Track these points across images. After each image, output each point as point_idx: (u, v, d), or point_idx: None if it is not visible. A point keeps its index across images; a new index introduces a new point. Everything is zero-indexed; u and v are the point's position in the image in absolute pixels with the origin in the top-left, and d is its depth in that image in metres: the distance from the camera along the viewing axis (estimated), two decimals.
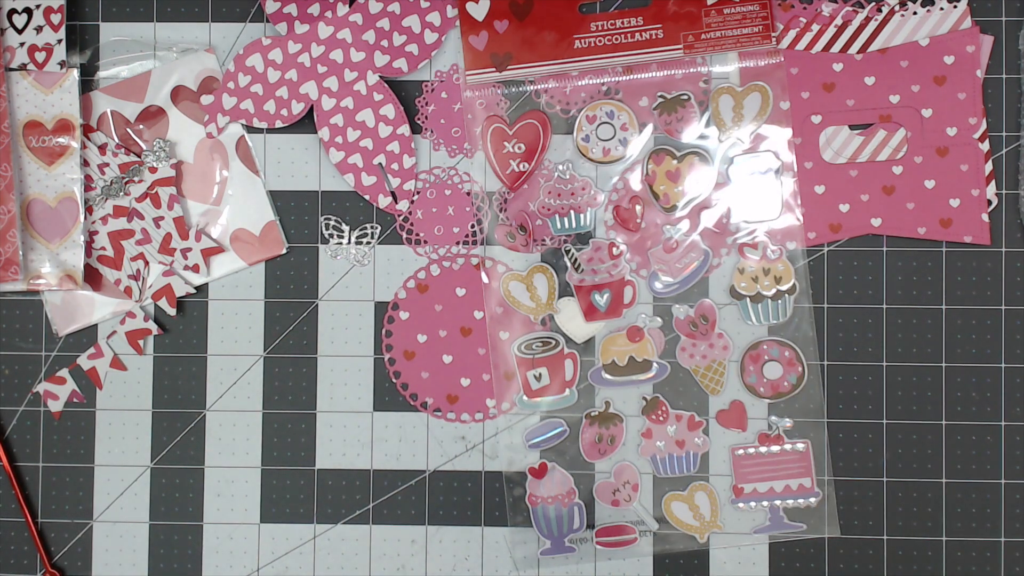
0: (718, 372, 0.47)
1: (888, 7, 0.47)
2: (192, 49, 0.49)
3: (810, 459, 0.47)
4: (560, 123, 0.48)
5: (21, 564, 0.49)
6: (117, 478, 0.49)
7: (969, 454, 0.47)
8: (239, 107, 0.48)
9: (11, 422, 0.49)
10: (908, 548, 0.47)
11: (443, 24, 0.48)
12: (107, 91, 0.49)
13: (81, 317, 0.49)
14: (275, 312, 0.49)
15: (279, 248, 0.48)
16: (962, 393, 0.47)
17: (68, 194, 0.48)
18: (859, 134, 0.47)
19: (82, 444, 0.49)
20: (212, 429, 0.49)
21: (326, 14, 0.47)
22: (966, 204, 0.47)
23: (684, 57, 0.47)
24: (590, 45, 0.47)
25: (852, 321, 0.47)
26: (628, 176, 0.48)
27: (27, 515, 0.48)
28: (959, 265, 0.47)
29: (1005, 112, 0.47)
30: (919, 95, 0.47)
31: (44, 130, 0.47)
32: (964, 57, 0.47)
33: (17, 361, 0.49)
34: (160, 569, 0.49)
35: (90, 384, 0.49)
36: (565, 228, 0.48)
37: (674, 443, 0.47)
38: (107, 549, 0.49)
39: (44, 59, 0.48)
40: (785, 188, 0.47)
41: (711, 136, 0.47)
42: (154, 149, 0.48)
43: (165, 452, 0.49)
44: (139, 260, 0.48)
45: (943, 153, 0.47)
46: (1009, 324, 0.47)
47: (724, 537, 0.47)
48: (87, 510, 0.49)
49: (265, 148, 0.49)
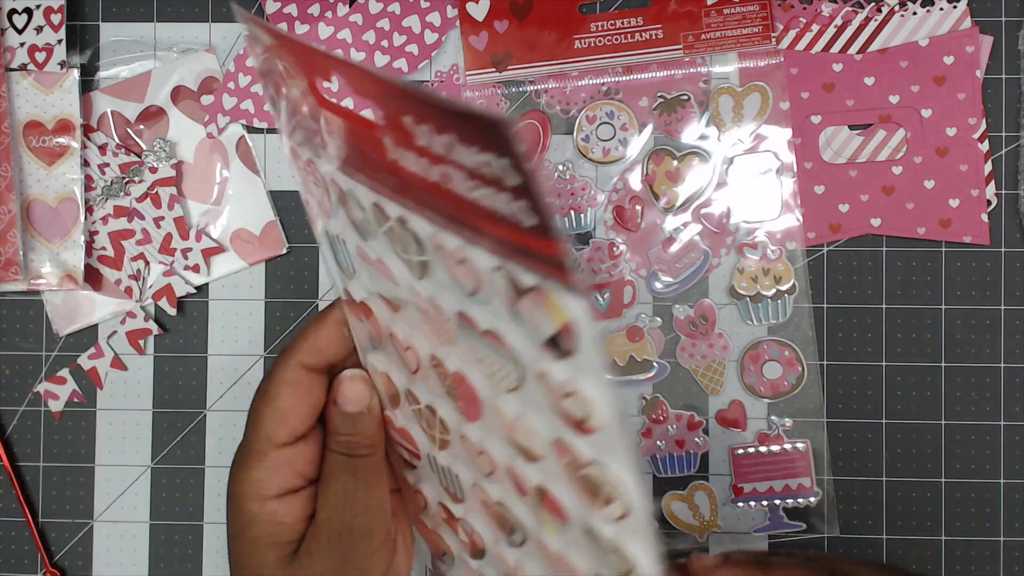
0: (718, 372, 0.47)
1: (888, 7, 0.47)
2: (192, 49, 0.49)
3: (810, 459, 0.47)
4: (560, 123, 0.48)
5: (21, 564, 0.49)
6: (117, 478, 0.49)
7: (969, 454, 0.47)
8: (239, 107, 0.48)
9: (11, 422, 0.49)
10: (908, 547, 0.47)
11: (443, 24, 0.48)
12: (107, 91, 0.49)
13: (81, 317, 0.49)
14: (275, 312, 0.49)
15: (279, 248, 0.48)
16: (962, 393, 0.47)
17: (68, 194, 0.48)
18: (859, 134, 0.47)
19: (82, 444, 0.49)
20: (212, 429, 0.49)
21: (326, 14, 0.48)
22: (965, 204, 0.47)
23: (684, 57, 0.47)
24: (590, 45, 0.47)
25: (852, 321, 0.47)
26: (628, 176, 0.48)
27: (27, 515, 0.48)
28: (958, 265, 0.47)
29: (1005, 112, 0.47)
30: (919, 95, 0.47)
31: (44, 130, 0.48)
32: (964, 57, 0.47)
33: (17, 361, 0.49)
34: (160, 569, 0.49)
35: (90, 384, 0.49)
36: (565, 228, 0.48)
37: (674, 443, 0.47)
38: (107, 549, 0.49)
39: (44, 59, 0.48)
40: (785, 188, 0.47)
41: (711, 136, 0.47)
42: (154, 149, 0.48)
43: (165, 452, 0.49)
44: (139, 260, 0.48)
45: (943, 153, 0.47)
46: (1009, 324, 0.47)
47: (724, 536, 0.47)
48: (87, 510, 0.49)
49: (265, 148, 0.49)
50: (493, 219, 0.20)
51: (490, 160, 0.18)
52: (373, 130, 0.23)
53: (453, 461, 0.30)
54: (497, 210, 0.19)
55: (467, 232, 0.21)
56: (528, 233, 0.19)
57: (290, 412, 0.33)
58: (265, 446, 0.33)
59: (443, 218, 0.22)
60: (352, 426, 0.33)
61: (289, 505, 0.34)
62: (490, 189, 0.19)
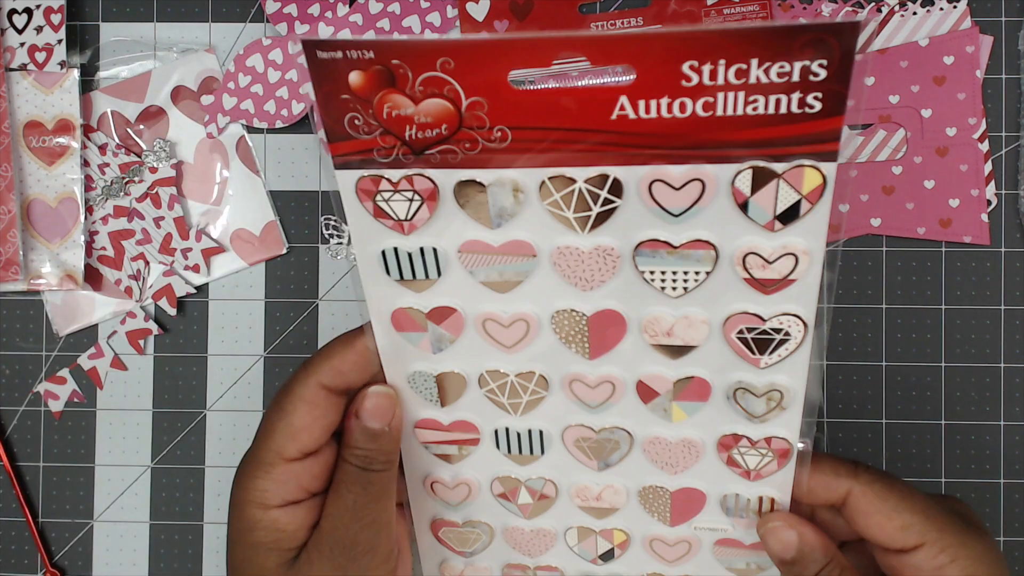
0: None
1: (888, 7, 0.47)
2: (192, 49, 0.49)
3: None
4: None
5: (21, 564, 0.49)
6: (117, 478, 0.49)
7: (969, 454, 0.47)
8: (239, 107, 0.48)
9: (11, 422, 0.49)
10: None
11: (443, 24, 0.48)
12: (107, 91, 0.49)
13: (81, 317, 0.49)
14: (275, 312, 0.49)
15: (279, 248, 0.48)
16: (962, 393, 0.47)
17: (68, 194, 0.48)
18: (859, 134, 0.47)
19: (82, 444, 0.49)
20: (212, 429, 0.49)
21: (326, 14, 0.48)
22: (966, 204, 0.47)
23: None
24: None
25: (852, 321, 0.47)
26: None
27: (27, 515, 0.48)
28: (959, 265, 0.47)
29: (1005, 112, 0.47)
30: (919, 95, 0.47)
31: (44, 130, 0.48)
32: (964, 57, 0.47)
33: (17, 361, 0.49)
34: (160, 569, 0.49)
35: (90, 384, 0.49)
36: None
37: None
38: (107, 549, 0.49)
39: (44, 59, 0.48)
40: None
41: None
42: (154, 149, 0.48)
43: (165, 452, 0.49)
44: (139, 260, 0.48)
45: (943, 153, 0.47)
46: (1009, 324, 0.47)
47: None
48: (87, 510, 0.49)
49: (265, 148, 0.49)
50: (761, 124, 0.27)
51: (806, 63, 0.25)
52: (610, 94, 0.28)
53: (537, 419, 0.35)
54: (773, 114, 0.27)
55: (707, 153, 0.28)
56: (814, 118, 0.27)
57: (303, 430, 0.34)
58: (273, 458, 0.34)
59: (672, 152, 0.28)
60: (372, 441, 0.34)
61: (292, 514, 0.34)
62: (777, 96, 0.26)
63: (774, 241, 0.30)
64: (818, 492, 0.34)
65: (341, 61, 0.28)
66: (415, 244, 0.32)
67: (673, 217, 0.30)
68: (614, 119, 0.29)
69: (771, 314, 0.31)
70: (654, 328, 0.32)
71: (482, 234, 0.31)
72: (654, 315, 0.32)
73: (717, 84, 0.26)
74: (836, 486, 0.34)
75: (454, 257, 0.32)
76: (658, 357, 0.33)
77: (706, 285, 0.31)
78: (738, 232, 0.30)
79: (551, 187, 0.30)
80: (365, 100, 0.29)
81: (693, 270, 0.30)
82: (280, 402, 0.34)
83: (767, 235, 0.30)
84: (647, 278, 0.31)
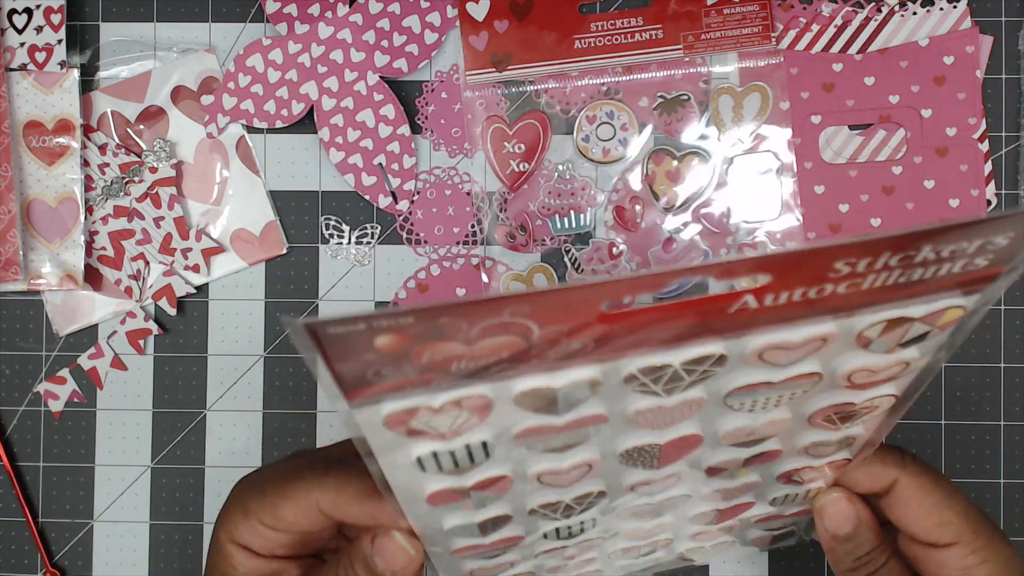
0: None
1: (888, 7, 0.47)
2: (192, 49, 0.49)
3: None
4: (560, 123, 0.48)
5: (21, 564, 0.49)
6: (117, 478, 0.49)
7: (969, 454, 0.47)
8: (239, 107, 0.48)
9: (11, 422, 0.49)
10: None
11: (443, 24, 0.48)
12: (107, 91, 0.49)
13: (81, 317, 0.49)
14: (275, 312, 0.49)
15: (279, 248, 0.48)
16: (962, 393, 0.47)
17: (68, 194, 0.48)
18: (859, 134, 0.47)
19: (82, 444, 0.49)
20: (212, 429, 0.49)
21: (326, 14, 0.48)
22: (966, 204, 0.47)
23: (684, 57, 0.47)
24: (590, 45, 0.47)
25: None
26: (628, 176, 0.48)
27: (27, 515, 0.48)
28: None
29: (1005, 112, 0.47)
30: (919, 95, 0.47)
31: (44, 130, 0.48)
32: (964, 57, 0.47)
33: (17, 361, 0.49)
34: (160, 569, 0.49)
35: (90, 384, 0.49)
36: (565, 228, 0.48)
37: None
38: (107, 549, 0.49)
39: (44, 59, 0.48)
40: (785, 188, 0.47)
41: (711, 136, 0.47)
42: (154, 149, 0.48)
43: (165, 452, 0.49)
44: (139, 260, 0.48)
45: (943, 153, 0.47)
46: (1009, 324, 0.47)
47: None
48: (87, 510, 0.49)
49: (265, 148, 0.49)
50: (912, 285, 0.24)
51: (984, 242, 0.23)
52: (732, 299, 0.24)
53: (591, 513, 0.32)
54: (931, 277, 0.24)
55: (838, 316, 0.25)
56: (978, 273, 0.24)
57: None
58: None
59: (794, 320, 0.25)
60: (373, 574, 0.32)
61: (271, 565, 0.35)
62: (949, 264, 0.23)
63: (889, 358, 0.27)
64: (864, 481, 0.33)
65: (363, 332, 0.21)
66: (459, 444, 0.26)
67: (781, 368, 0.26)
68: (731, 312, 0.24)
69: (865, 400, 0.28)
70: (734, 437, 0.29)
71: (545, 420, 0.26)
72: (736, 427, 0.29)
73: (874, 268, 0.23)
74: (884, 475, 0.33)
75: (508, 442, 0.27)
76: (731, 449, 0.30)
77: (800, 398, 0.28)
78: (851, 359, 0.26)
79: (639, 376, 0.25)
80: (399, 355, 0.22)
81: (788, 393, 0.27)
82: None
83: (884, 357, 0.27)
84: (734, 407, 0.28)
